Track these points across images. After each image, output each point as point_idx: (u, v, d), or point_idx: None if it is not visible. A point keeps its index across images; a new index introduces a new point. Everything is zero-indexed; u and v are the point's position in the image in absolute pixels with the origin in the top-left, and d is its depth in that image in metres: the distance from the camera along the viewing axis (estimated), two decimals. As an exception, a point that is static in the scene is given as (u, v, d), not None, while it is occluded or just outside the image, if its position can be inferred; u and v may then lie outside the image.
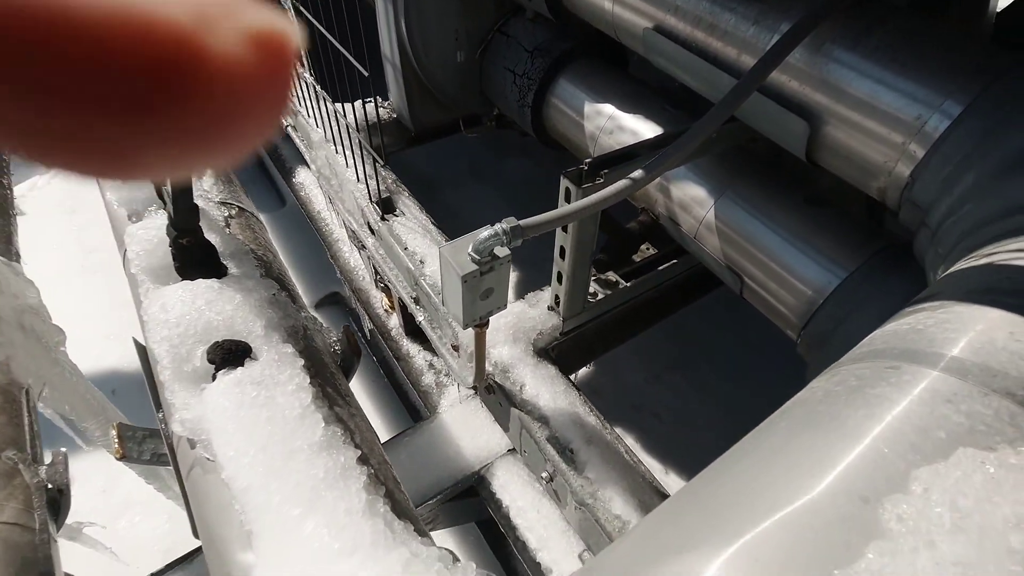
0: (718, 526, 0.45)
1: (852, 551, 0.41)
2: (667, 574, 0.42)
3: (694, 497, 0.51)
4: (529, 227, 1.06)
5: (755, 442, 0.55)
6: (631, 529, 0.52)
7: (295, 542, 0.71)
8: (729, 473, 0.52)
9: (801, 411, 0.57)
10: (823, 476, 0.47)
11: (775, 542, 0.42)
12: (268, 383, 0.89)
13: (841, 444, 0.49)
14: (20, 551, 0.89)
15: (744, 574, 0.41)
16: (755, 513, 0.45)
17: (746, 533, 0.43)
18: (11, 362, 1.10)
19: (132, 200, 1.22)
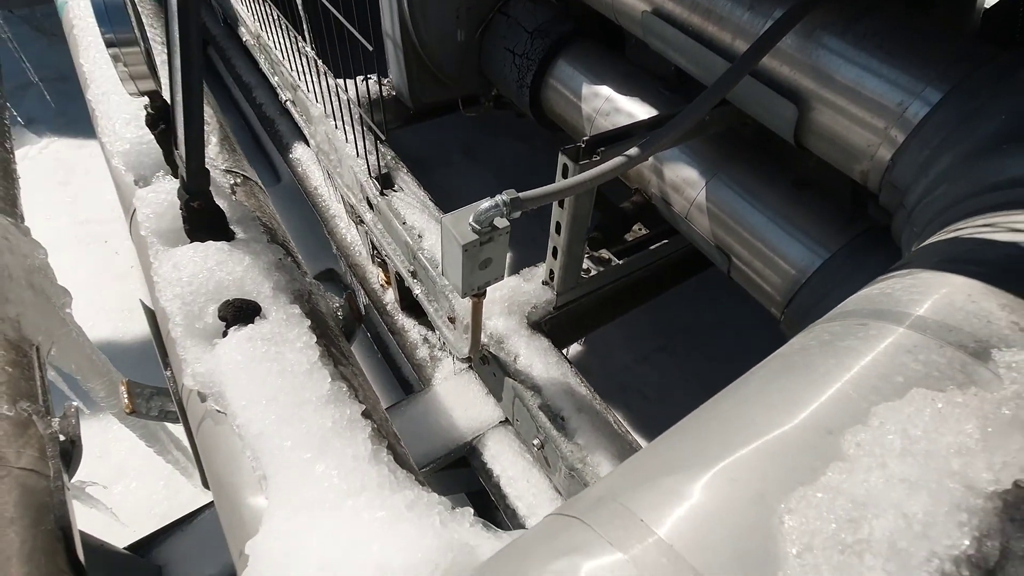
0: (701, 453, 0.50)
1: (815, 472, 0.46)
2: (657, 490, 0.48)
3: (681, 433, 0.56)
4: (528, 199, 1.11)
5: (737, 388, 0.61)
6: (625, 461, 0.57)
7: (306, 483, 0.76)
8: (712, 413, 0.57)
9: (778, 362, 0.63)
10: (795, 414, 0.52)
11: (750, 466, 0.48)
12: (277, 340, 0.93)
13: (812, 388, 0.55)
14: (37, 496, 0.93)
15: (723, 491, 0.46)
16: (734, 443, 0.50)
17: (725, 458, 0.49)
18: (22, 319, 1.13)
19: (139, 165, 1.25)
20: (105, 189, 3.37)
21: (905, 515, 0.42)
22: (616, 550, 0.44)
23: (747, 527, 0.44)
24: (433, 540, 0.68)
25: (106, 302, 2.71)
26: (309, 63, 2.00)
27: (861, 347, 0.58)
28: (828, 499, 0.44)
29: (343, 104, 1.90)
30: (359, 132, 1.87)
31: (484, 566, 0.49)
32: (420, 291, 1.77)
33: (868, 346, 0.58)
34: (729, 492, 0.46)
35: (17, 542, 0.85)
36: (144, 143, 1.26)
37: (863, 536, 0.41)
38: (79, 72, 1.60)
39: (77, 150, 3.47)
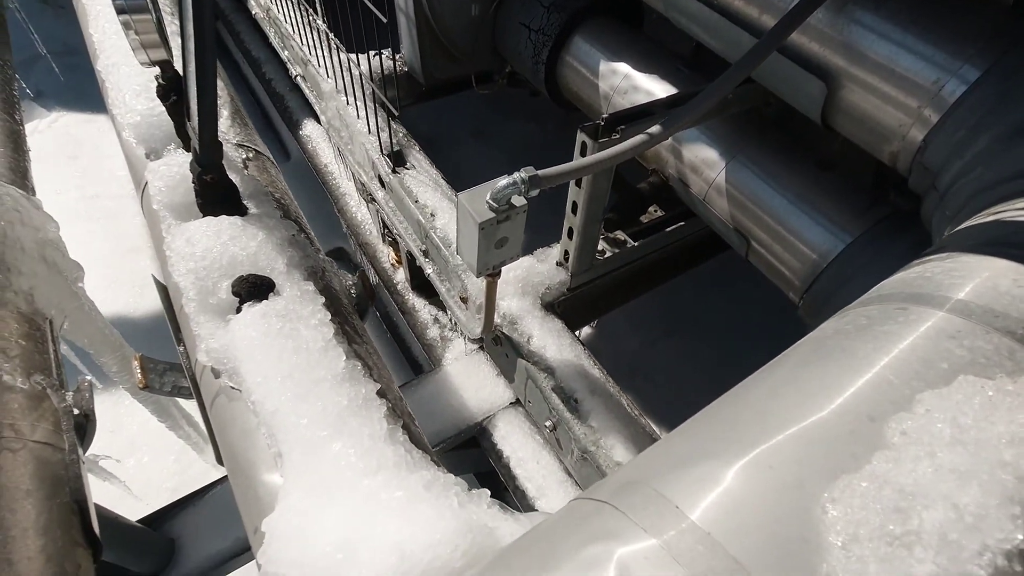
0: (735, 439, 0.49)
1: (858, 460, 0.44)
2: (690, 475, 0.46)
3: (712, 418, 0.54)
4: (546, 177, 1.08)
5: (768, 372, 0.59)
6: (654, 445, 0.56)
7: (323, 461, 0.75)
8: (744, 397, 0.55)
9: (811, 346, 0.60)
10: (832, 399, 0.50)
11: (787, 452, 0.46)
12: (292, 317, 0.92)
13: (850, 373, 0.53)
14: (52, 469, 0.93)
15: (760, 477, 0.45)
16: (769, 429, 0.48)
17: (761, 444, 0.47)
18: (34, 292, 1.13)
19: (150, 138, 1.23)
20: (115, 164, 3.36)
21: (956, 506, 0.40)
22: (650, 536, 0.42)
23: (787, 515, 0.42)
24: (452, 521, 0.67)
25: (117, 277, 2.71)
26: (320, 37, 1.96)
27: (901, 331, 0.56)
28: (874, 488, 0.42)
29: (355, 79, 1.86)
30: (371, 108, 1.84)
31: (510, 550, 0.48)
32: (432, 270, 1.75)
33: (908, 331, 0.55)
34: (767, 479, 0.44)
35: (33, 514, 0.85)
36: (155, 115, 1.23)
37: (912, 528, 0.39)
38: (88, 43, 1.58)
39: (86, 124, 3.45)
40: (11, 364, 0.98)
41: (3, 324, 1.02)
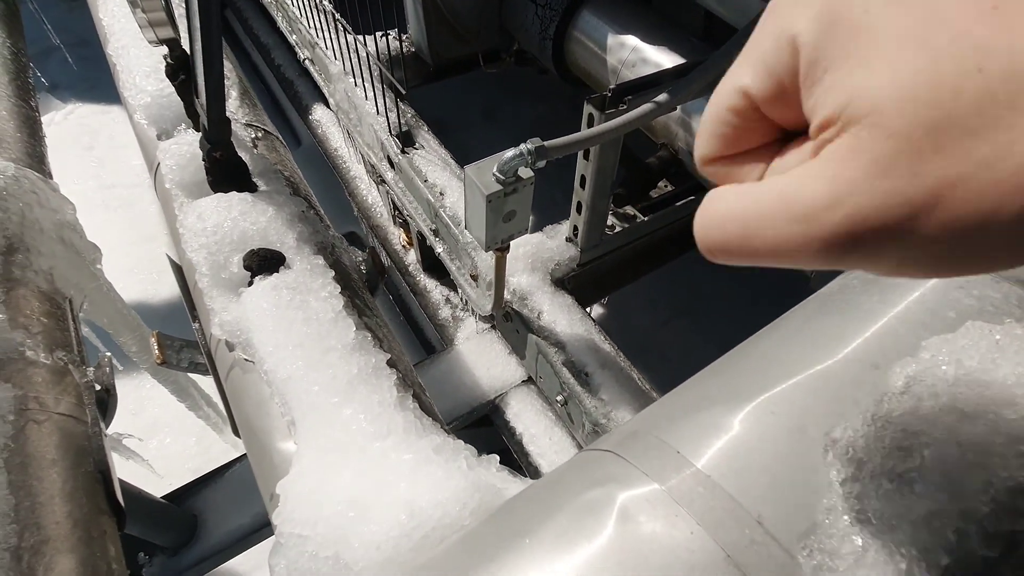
0: (739, 388, 0.49)
1: (861, 404, 0.44)
2: (693, 423, 0.46)
3: (716, 371, 0.54)
4: (553, 148, 1.08)
5: (772, 328, 0.59)
6: (660, 399, 0.56)
7: (334, 426, 0.76)
8: (748, 352, 0.55)
9: (816, 302, 0.60)
10: (836, 350, 0.50)
11: (790, 399, 0.46)
12: (302, 289, 0.93)
13: (855, 324, 0.52)
14: (76, 440, 0.96)
15: (762, 423, 0.45)
16: (772, 379, 0.48)
17: (764, 393, 0.47)
18: (54, 272, 1.15)
19: (161, 119, 1.24)
20: (129, 153, 3.40)
21: (959, 444, 0.40)
22: (652, 481, 0.43)
23: (788, 457, 0.42)
24: (461, 481, 0.68)
25: (135, 264, 2.76)
26: (326, 18, 1.96)
27: (907, 283, 0.55)
28: (876, 429, 0.42)
29: (362, 61, 1.86)
30: (379, 89, 1.84)
31: (514, 499, 0.49)
32: (442, 249, 1.76)
33: (915, 282, 0.55)
34: (769, 424, 0.45)
35: (59, 482, 0.88)
36: (165, 96, 1.25)
37: (914, 465, 0.39)
38: (99, 27, 1.59)
39: (101, 115, 3.49)
40: (34, 340, 1.01)
41: (25, 302, 1.05)
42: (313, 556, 0.65)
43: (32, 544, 0.79)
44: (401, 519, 0.62)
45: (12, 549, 0.77)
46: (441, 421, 0.94)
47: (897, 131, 0.22)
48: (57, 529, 0.83)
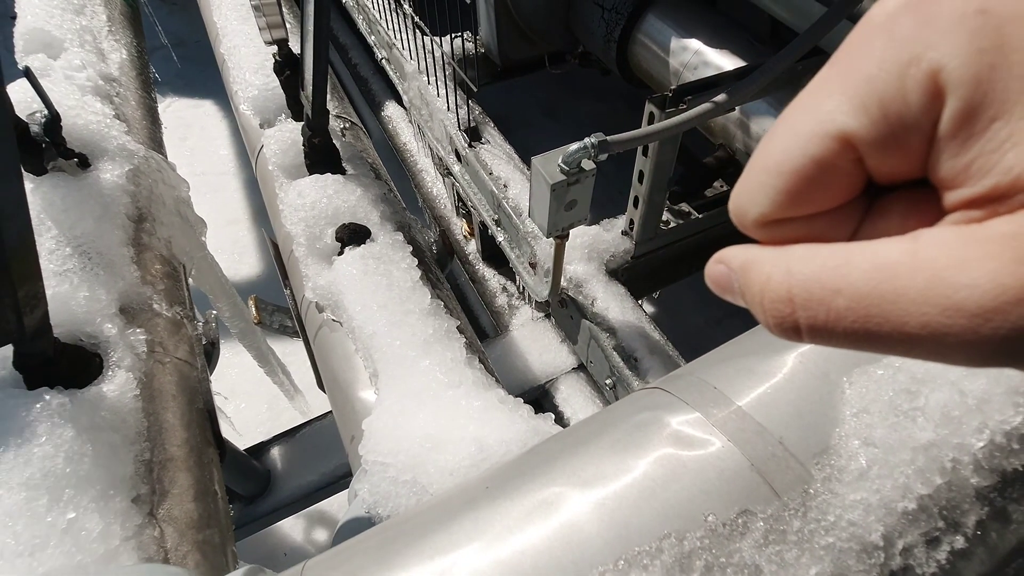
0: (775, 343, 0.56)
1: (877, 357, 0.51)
2: (731, 367, 0.55)
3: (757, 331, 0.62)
4: (614, 142, 1.16)
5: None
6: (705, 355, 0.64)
7: (413, 375, 0.88)
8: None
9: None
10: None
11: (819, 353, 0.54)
12: (385, 259, 1.06)
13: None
14: (189, 382, 1.12)
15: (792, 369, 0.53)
16: (802, 336, 0.56)
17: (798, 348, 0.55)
18: (172, 241, 1.33)
19: (265, 109, 1.40)
20: (218, 145, 3.70)
21: (961, 391, 0.46)
22: (693, 409, 0.51)
23: (810, 395, 0.50)
24: (522, 426, 0.78)
25: (219, 244, 3.01)
26: (405, 20, 2.11)
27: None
28: (888, 375, 0.49)
29: (437, 60, 2.00)
30: (450, 87, 1.97)
31: (575, 424, 0.58)
32: (503, 238, 1.87)
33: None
34: (797, 370, 0.52)
35: (178, 413, 1.04)
36: (269, 89, 1.41)
37: (918, 405, 0.46)
38: (210, 29, 1.79)
39: (194, 109, 3.81)
40: (158, 295, 1.17)
41: (151, 264, 1.23)
42: (393, 480, 0.76)
43: (160, 460, 0.94)
44: (471, 451, 0.73)
45: (146, 462, 0.92)
46: (501, 384, 1.05)
47: None
48: (178, 451, 0.98)
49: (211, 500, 0.99)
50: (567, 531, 0.44)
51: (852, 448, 0.46)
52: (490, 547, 0.43)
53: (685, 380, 0.56)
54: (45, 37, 1.49)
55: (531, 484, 0.48)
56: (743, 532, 0.42)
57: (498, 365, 1.94)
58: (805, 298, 0.22)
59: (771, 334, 0.23)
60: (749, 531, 0.42)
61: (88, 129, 1.24)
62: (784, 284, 0.23)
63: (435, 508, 0.50)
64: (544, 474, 0.49)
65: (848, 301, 0.20)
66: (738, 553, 0.41)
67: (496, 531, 0.44)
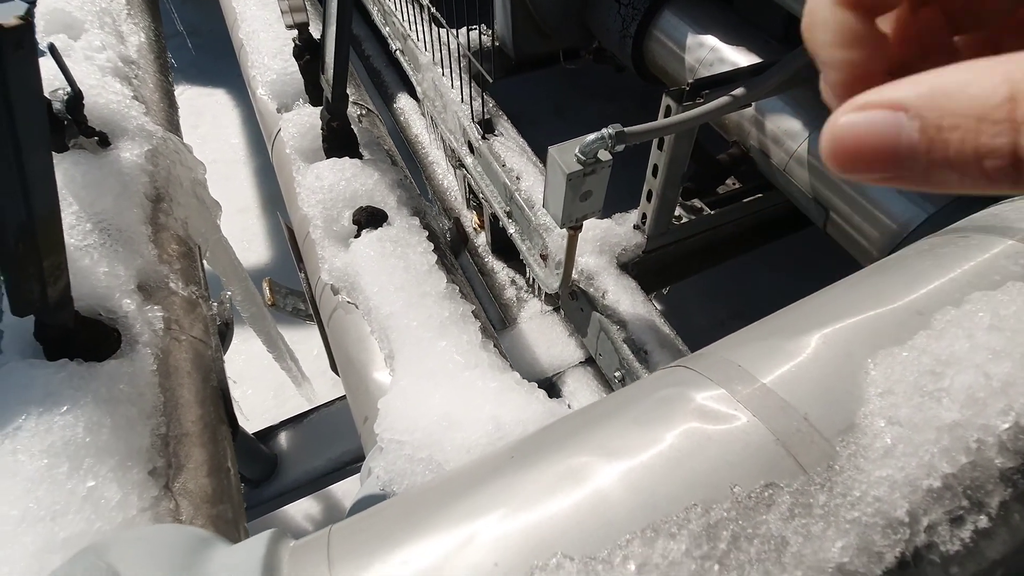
0: (798, 325, 0.57)
1: (902, 339, 0.52)
2: (754, 347, 0.55)
3: (779, 315, 0.63)
4: (632, 134, 1.17)
5: (831, 286, 0.66)
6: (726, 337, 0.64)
7: (430, 355, 0.88)
8: (807, 301, 0.63)
9: (874, 267, 0.67)
10: (887, 301, 0.57)
11: (842, 334, 0.54)
12: (402, 243, 1.06)
13: (906, 282, 0.59)
14: (204, 360, 1.13)
15: (816, 348, 0.53)
16: (827, 319, 0.56)
17: (820, 329, 0.55)
18: (188, 222, 1.34)
19: (283, 94, 1.41)
20: (229, 133, 3.71)
21: (986, 374, 0.47)
22: (717, 385, 0.52)
23: (835, 374, 0.50)
24: (539, 407, 0.78)
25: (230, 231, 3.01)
26: (421, 12, 2.12)
27: (960, 253, 0.61)
28: (913, 356, 0.49)
29: (452, 51, 2.00)
30: (465, 79, 1.97)
31: (594, 403, 0.59)
32: (514, 230, 1.88)
33: (968, 253, 0.61)
34: (821, 350, 0.53)
35: (193, 390, 1.05)
36: (288, 74, 1.41)
37: (943, 386, 0.47)
38: (228, 14, 1.79)
39: (206, 97, 3.82)
40: (175, 274, 1.18)
41: (167, 243, 1.23)
42: (409, 458, 0.77)
43: (176, 435, 0.95)
44: (488, 429, 0.73)
45: (162, 436, 0.93)
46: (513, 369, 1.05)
47: None
48: (192, 427, 0.99)
49: (224, 476, 0.99)
50: (594, 499, 0.44)
51: (877, 427, 0.46)
52: (517, 513, 0.44)
53: (708, 359, 0.56)
54: (66, 18, 1.50)
55: (556, 454, 0.49)
56: (769, 504, 0.42)
57: (505, 356, 1.94)
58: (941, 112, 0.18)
59: (792, 319, 0.23)
60: (775, 503, 0.42)
61: (109, 108, 1.24)
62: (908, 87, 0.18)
63: (459, 476, 0.50)
64: (569, 445, 0.49)
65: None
66: (764, 525, 0.41)
67: (522, 498, 0.45)
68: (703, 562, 0.39)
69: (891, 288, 0.59)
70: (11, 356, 0.89)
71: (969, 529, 0.43)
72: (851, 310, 0.57)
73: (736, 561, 0.39)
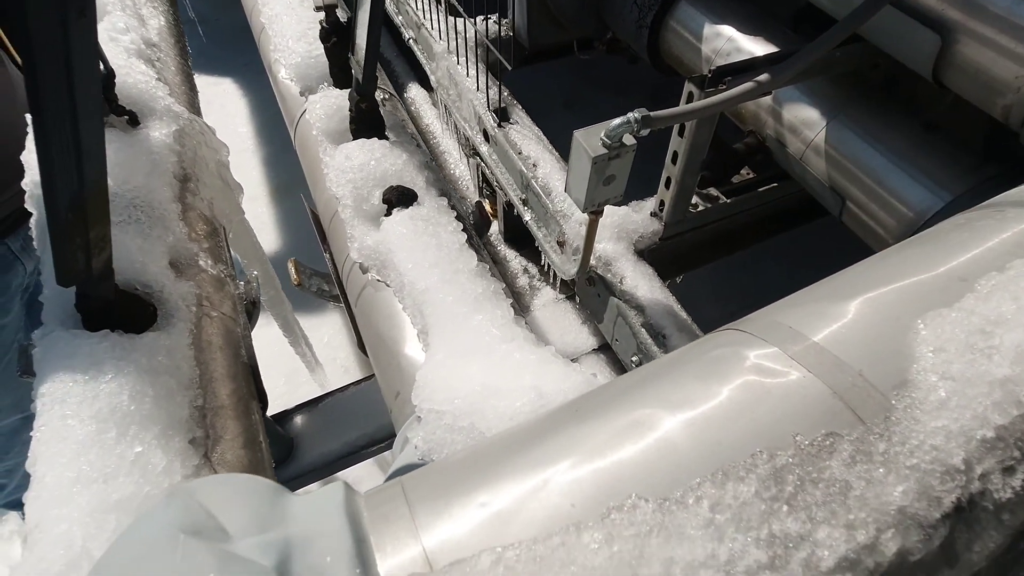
0: (844, 291, 0.59)
1: (949, 302, 0.54)
2: (803, 310, 0.57)
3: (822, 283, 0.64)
4: (658, 119, 1.18)
5: (869, 259, 0.68)
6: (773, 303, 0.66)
7: (466, 330, 0.90)
8: (849, 271, 0.65)
9: (912, 240, 0.69)
10: (929, 269, 0.59)
11: (888, 298, 0.56)
12: (433, 221, 1.08)
13: (947, 252, 0.61)
14: (233, 336, 1.14)
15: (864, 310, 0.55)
16: (872, 284, 0.58)
17: (866, 293, 0.57)
18: (214, 202, 1.35)
19: (307, 77, 1.42)
20: (237, 123, 3.71)
21: (1034, 333, 0.48)
22: (770, 344, 0.53)
23: (885, 334, 0.52)
24: (578, 378, 0.80)
25: (240, 221, 3.02)
26: (438, 2, 2.12)
27: (997, 225, 0.63)
28: (962, 317, 0.51)
29: (468, 39, 2.01)
30: (481, 68, 1.98)
31: (646, 364, 0.60)
32: (530, 217, 1.89)
33: (1007, 225, 0.63)
34: (868, 312, 0.55)
35: (225, 365, 1.06)
36: (312, 57, 1.43)
37: (993, 344, 0.49)
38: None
39: (214, 87, 3.82)
40: (204, 252, 1.20)
41: (195, 222, 1.25)
42: (449, 427, 0.78)
43: (212, 407, 0.96)
44: (531, 397, 0.75)
45: (199, 408, 0.94)
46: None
47: None
48: (227, 400, 1.01)
49: (258, 449, 1.01)
50: (661, 447, 0.46)
51: (931, 381, 0.48)
52: (587, 460, 0.46)
53: (757, 321, 0.58)
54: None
55: (618, 408, 0.50)
56: (831, 452, 0.44)
57: (519, 344, 1.95)
58: None
59: (836, 286, 0.25)
60: (837, 451, 0.44)
61: (137, 88, 1.25)
62: None
63: (522, 431, 0.52)
64: (629, 400, 0.51)
65: None
66: (828, 470, 0.43)
67: (591, 447, 0.47)
68: (772, 503, 0.41)
69: (930, 257, 0.61)
70: (52, 327, 0.90)
71: (1020, 478, 0.45)
72: (892, 277, 0.59)
73: (803, 503, 0.41)
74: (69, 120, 0.68)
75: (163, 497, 0.42)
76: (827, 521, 0.40)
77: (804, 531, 0.40)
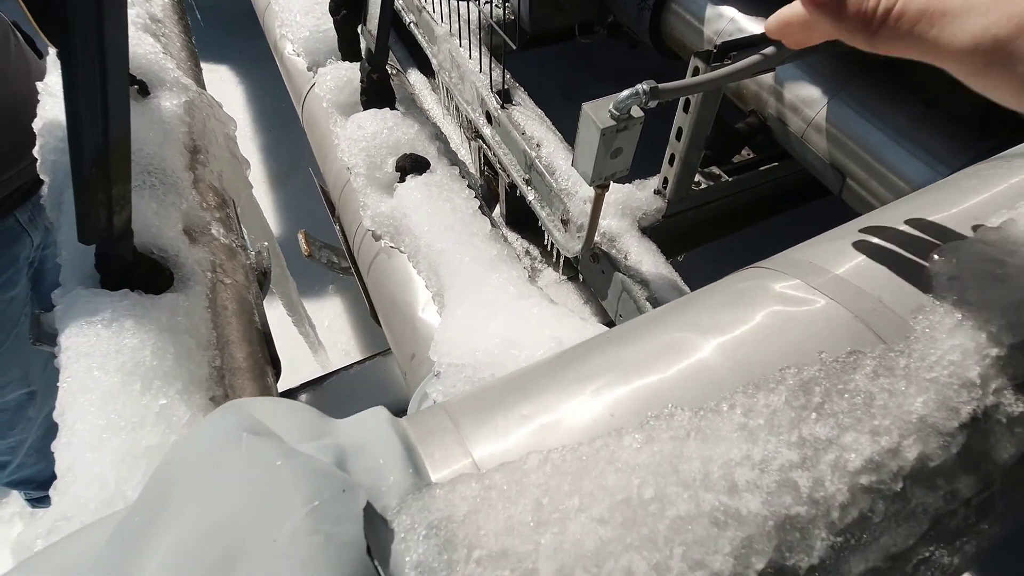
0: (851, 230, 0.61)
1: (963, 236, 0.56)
2: (819, 250, 0.59)
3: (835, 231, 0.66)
4: (666, 91, 1.20)
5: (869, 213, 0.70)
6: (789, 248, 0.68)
7: (484, 287, 0.91)
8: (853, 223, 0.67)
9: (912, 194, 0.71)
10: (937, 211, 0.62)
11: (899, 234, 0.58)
12: (446, 188, 1.09)
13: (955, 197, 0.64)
14: (246, 303, 1.15)
15: (877, 246, 0.57)
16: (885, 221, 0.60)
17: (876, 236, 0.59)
18: (223, 175, 1.35)
19: (315, 52, 1.43)
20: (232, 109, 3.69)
21: (1046, 261, 0.51)
22: (791, 277, 0.55)
23: (900, 264, 0.54)
24: (595, 330, 0.82)
25: (239, 206, 3.02)
26: (439, -17, 2.13)
27: (1006, 173, 0.66)
28: (976, 246, 0.53)
29: (471, 23, 2.02)
30: (484, 50, 2.00)
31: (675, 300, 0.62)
32: (533, 197, 1.91)
33: (1014, 172, 0.65)
34: (881, 247, 0.57)
35: (240, 329, 1.07)
36: (320, 31, 1.43)
37: (1007, 271, 0.51)
38: (252, -24, 1.80)
39: (210, 73, 3.79)
40: (216, 222, 1.20)
41: (206, 192, 1.25)
42: (469, 379, 0.80)
43: (230, 368, 0.97)
44: (552, 347, 0.77)
45: (217, 368, 0.95)
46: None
47: None
48: (244, 363, 1.02)
49: (275, 411, 1.02)
50: (694, 365, 0.48)
51: (947, 306, 0.50)
52: (623, 377, 0.48)
53: (778, 260, 0.60)
54: (95, -27, 1.51)
55: (650, 333, 0.52)
56: (855, 367, 0.46)
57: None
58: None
59: (844, 232, 0.33)
60: (860, 366, 0.46)
61: (147, 59, 1.26)
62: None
63: (557, 357, 0.54)
64: (660, 326, 0.53)
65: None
66: (852, 382, 0.45)
67: (627, 367, 0.49)
68: (801, 411, 0.43)
69: (940, 202, 0.63)
70: (72, 287, 0.91)
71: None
72: (903, 218, 0.61)
73: (830, 410, 0.43)
74: (99, 72, 0.69)
75: (216, 410, 0.43)
76: (853, 427, 0.42)
77: (832, 435, 0.42)
